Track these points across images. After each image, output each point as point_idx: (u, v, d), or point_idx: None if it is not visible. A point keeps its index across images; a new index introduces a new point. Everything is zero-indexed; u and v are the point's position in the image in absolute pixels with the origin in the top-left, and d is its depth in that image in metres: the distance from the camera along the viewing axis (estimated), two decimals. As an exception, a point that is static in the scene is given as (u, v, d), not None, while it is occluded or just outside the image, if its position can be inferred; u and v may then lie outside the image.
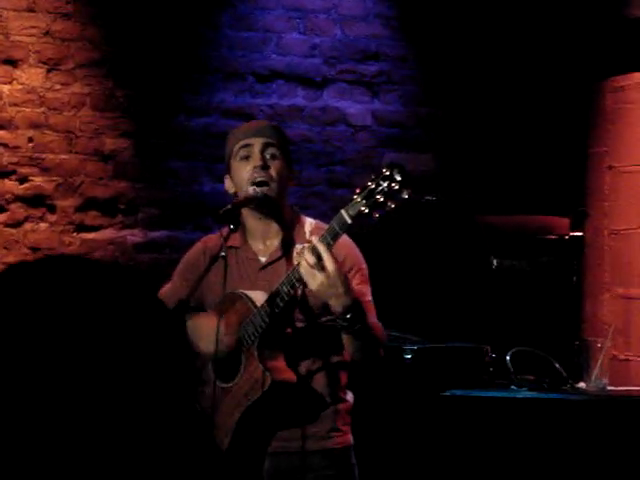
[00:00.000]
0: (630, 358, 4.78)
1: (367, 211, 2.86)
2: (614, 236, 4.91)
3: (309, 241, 3.05)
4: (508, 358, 4.42)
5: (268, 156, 3.16)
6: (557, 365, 4.42)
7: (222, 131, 5.28)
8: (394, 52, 5.57)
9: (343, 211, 2.91)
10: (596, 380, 4.34)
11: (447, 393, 4.25)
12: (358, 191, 2.89)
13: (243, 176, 3.17)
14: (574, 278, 4.86)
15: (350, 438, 3.20)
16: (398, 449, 4.34)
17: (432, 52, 5.59)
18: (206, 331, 3.07)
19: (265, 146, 3.16)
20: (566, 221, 4.99)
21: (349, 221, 2.90)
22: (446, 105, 5.59)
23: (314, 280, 2.92)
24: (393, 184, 2.85)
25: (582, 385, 4.40)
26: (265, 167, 3.13)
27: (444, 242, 4.98)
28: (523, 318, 4.77)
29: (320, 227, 3.14)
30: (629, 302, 4.83)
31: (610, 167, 4.96)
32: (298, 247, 3.11)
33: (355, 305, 2.96)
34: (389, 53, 5.57)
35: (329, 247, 2.92)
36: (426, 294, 4.89)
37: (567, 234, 4.94)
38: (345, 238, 3.11)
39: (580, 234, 4.95)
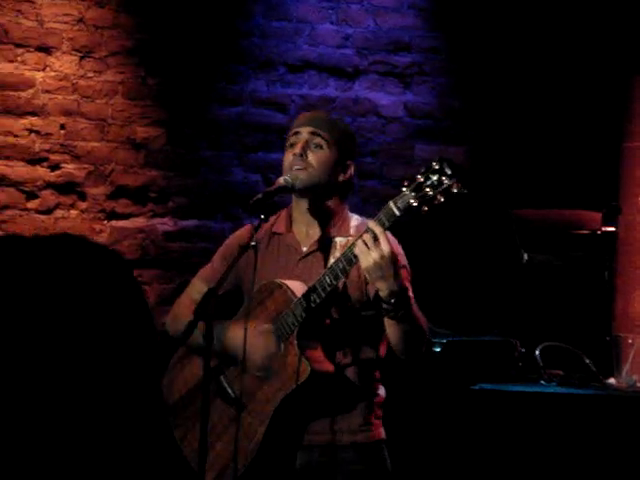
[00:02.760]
0: (661, 355, 4.74)
1: (416, 204, 2.85)
2: (646, 232, 4.87)
3: (352, 236, 3.04)
4: (538, 353, 4.41)
5: (313, 146, 3.15)
6: (587, 360, 4.40)
7: (254, 121, 5.28)
8: (427, 43, 5.55)
9: (391, 203, 2.90)
10: (626, 376, 4.31)
11: (476, 387, 4.24)
12: (406, 184, 2.87)
13: (285, 163, 3.18)
14: (606, 273, 4.82)
15: (382, 432, 3.18)
16: (427, 442, 4.33)
17: (465, 44, 5.56)
18: (235, 342, 3.08)
19: (312, 135, 3.16)
20: (598, 216, 4.95)
21: (397, 213, 2.89)
22: (478, 97, 5.56)
23: (367, 260, 2.92)
24: (443, 178, 2.83)
25: (612, 381, 4.37)
26: (302, 155, 3.13)
27: (475, 235, 4.96)
28: (554, 313, 4.74)
29: (365, 224, 3.13)
30: (661, 299, 4.79)
31: (644, 162, 4.91)
32: (342, 240, 3.10)
33: (401, 291, 2.96)
34: (422, 44, 5.54)
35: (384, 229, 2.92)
36: (457, 287, 4.87)
37: (599, 229, 4.90)
38: (392, 237, 3.09)
39: (612, 229, 4.92)
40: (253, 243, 3.03)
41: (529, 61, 5.54)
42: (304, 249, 3.18)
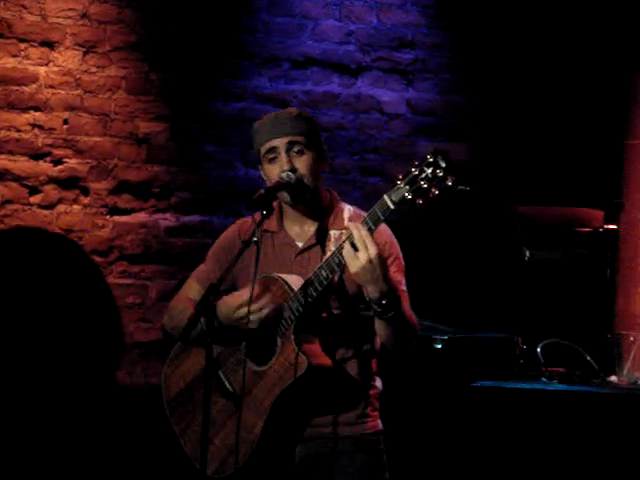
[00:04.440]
0: (662, 353, 4.74)
1: (410, 197, 2.86)
2: (649, 229, 4.87)
3: (347, 228, 3.05)
4: (539, 350, 4.41)
5: (294, 153, 3.14)
6: (588, 358, 4.40)
7: (257, 116, 5.26)
8: (430, 40, 5.55)
9: (386, 196, 2.91)
10: (628, 374, 4.32)
11: (477, 384, 4.24)
12: (401, 177, 2.88)
13: (274, 177, 3.15)
14: (608, 271, 4.83)
15: (379, 424, 3.20)
16: (426, 438, 4.33)
17: (468, 40, 5.56)
18: (238, 302, 3.06)
19: (290, 144, 3.14)
20: (601, 213, 4.95)
21: (392, 207, 2.90)
22: (482, 94, 5.56)
23: (354, 263, 2.93)
24: (437, 170, 2.84)
25: (613, 379, 4.38)
26: (292, 169, 3.12)
27: (477, 232, 4.96)
28: (555, 310, 4.75)
29: (359, 214, 3.14)
30: (662, 296, 4.79)
31: (646, 159, 4.91)
32: (336, 233, 3.11)
33: (391, 292, 2.96)
34: (425, 41, 5.54)
35: (370, 232, 2.93)
36: (458, 284, 4.87)
37: (601, 227, 4.91)
38: (385, 227, 3.11)
39: (615, 227, 4.92)
40: (255, 239, 3.03)
41: (532, 58, 5.54)
42: (300, 244, 3.19)
